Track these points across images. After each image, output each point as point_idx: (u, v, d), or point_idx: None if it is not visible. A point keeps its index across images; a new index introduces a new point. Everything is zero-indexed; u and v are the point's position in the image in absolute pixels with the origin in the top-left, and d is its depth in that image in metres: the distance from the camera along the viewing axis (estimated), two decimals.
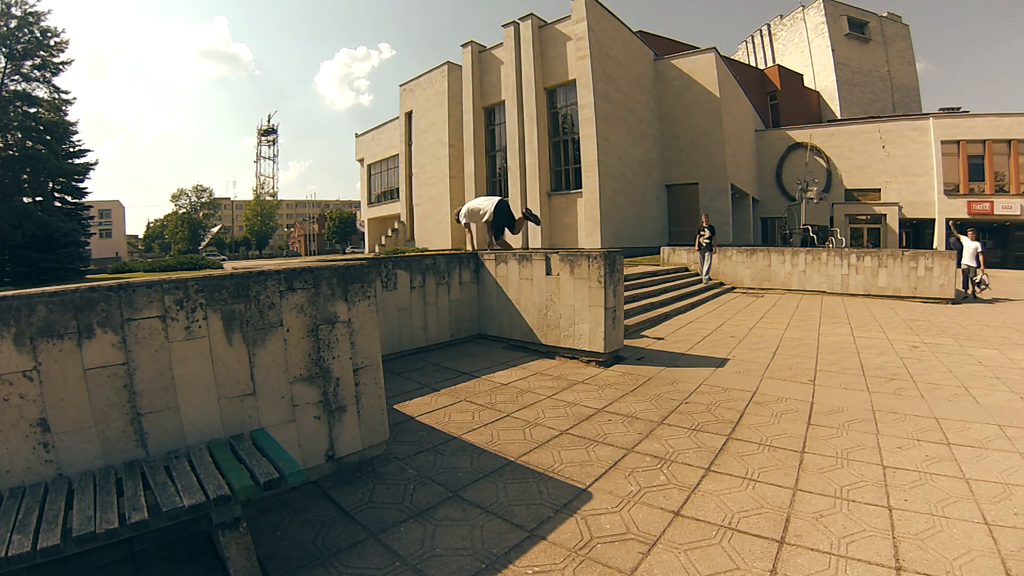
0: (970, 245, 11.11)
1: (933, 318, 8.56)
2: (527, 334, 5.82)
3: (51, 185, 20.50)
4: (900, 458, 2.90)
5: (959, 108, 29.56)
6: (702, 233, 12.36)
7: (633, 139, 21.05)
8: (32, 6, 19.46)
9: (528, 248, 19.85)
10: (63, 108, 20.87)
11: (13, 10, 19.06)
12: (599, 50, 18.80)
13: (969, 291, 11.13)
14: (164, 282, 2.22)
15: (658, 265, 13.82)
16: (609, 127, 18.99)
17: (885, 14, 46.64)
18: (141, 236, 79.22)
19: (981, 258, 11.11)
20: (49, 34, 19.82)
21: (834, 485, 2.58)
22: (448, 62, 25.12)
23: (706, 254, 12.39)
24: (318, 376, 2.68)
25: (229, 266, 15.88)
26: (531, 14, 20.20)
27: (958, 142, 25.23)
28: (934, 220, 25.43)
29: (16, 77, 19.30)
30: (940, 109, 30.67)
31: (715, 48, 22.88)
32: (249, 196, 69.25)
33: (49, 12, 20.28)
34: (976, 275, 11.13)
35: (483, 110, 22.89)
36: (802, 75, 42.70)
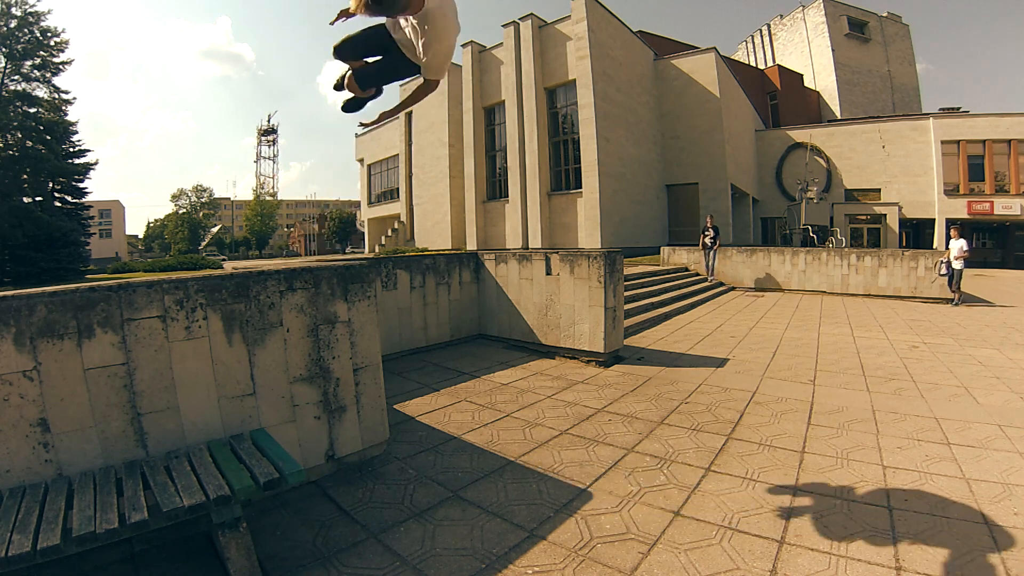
0: (955, 244, 10.66)
1: (933, 318, 8.56)
2: (527, 334, 5.82)
3: (51, 185, 20.49)
4: (900, 458, 2.90)
5: (959, 108, 29.54)
6: (707, 233, 12.85)
7: (633, 139, 21.03)
8: (32, 6, 19.47)
9: (528, 248, 19.88)
10: (63, 108, 20.88)
11: (13, 10, 19.06)
12: (599, 50, 18.80)
13: (955, 289, 10.43)
14: (164, 282, 2.22)
15: (658, 265, 13.83)
16: (609, 127, 18.98)
17: (885, 14, 46.60)
18: (141, 236, 79.19)
19: (965, 255, 10.57)
20: (49, 34, 19.82)
21: (834, 485, 2.58)
22: None
23: (710, 253, 12.96)
24: (318, 376, 2.68)
25: (229, 266, 15.88)
26: (531, 14, 20.18)
27: (958, 142, 25.20)
28: (934, 220, 25.40)
29: (16, 77, 19.29)
30: (940, 109, 30.65)
31: (715, 48, 22.86)
32: (249, 196, 69.29)
33: (49, 12, 20.31)
34: (952, 270, 10.53)
35: (483, 110, 22.87)
36: (802, 75, 42.66)
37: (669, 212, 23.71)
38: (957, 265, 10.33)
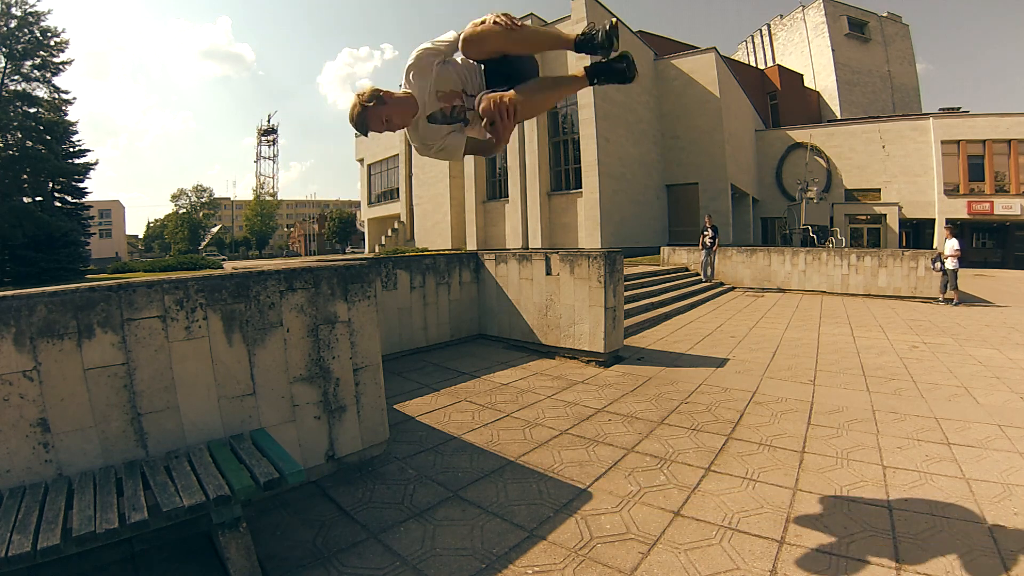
0: (948, 243, 10.37)
1: (933, 318, 8.56)
2: (527, 334, 5.81)
3: (51, 185, 20.51)
4: (900, 458, 2.90)
5: (959, 108, 29.54)
6: (706, 233, 12.71)
7: (633, 139, 21.04)
8: (32, 6, 19.48)
9: (528, 248, 19.87)
10: (63, 108, 20.90)
11: (13, 10, 19.06)
12: None
13: (947, 295, 10.36)
14: (164, 282, 2.22)
15: (658, 265, 13.83)
16: (609, 127, 18.99)
17: (885, 14, 46.61)
18: (141, 236, 79.26)
19: (957, 254, 10.32)
20: (49, 34, 19.83)
21: (834, 485, 2.58)
22: None
23: (710, 254, 12.86)
24: (318, 376, 2.68)
25: (229, 266, 15.88)
26: (531, 14, 20.16)
27: (958, 142, 25.20)
28: (934, 220, 25.40)
29: (16, 77, 19.30)
30: (940, 109, 30.66)
31: (715, 48, 22.87)
32: (249, 196, 69.31)
33: (49, 12, 20.30)
34: (945, 269, 10.34)
35: None
36: (802, 75, 42.66)
37: (669, 212, 23.71)
38: (950, 265, 10.28)
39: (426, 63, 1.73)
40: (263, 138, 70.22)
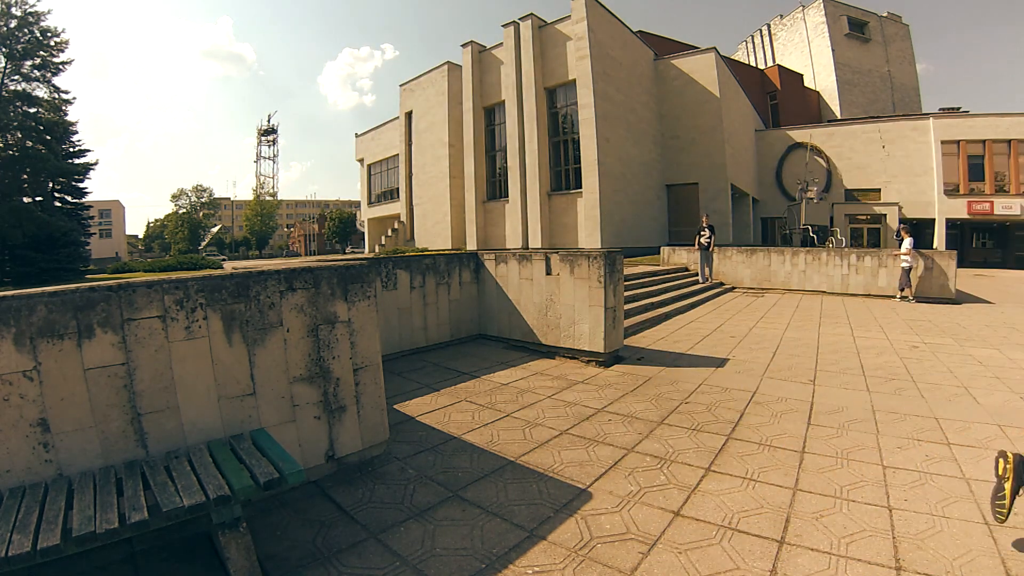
0: (905, 243, 10.71)
1: (933, 318, 8.56)
2: (527, 334, 5.82)
3: (51, 185, 20.49)
4: (900, 458, 2.90)
5: (959, 108, 29.55)
6: (702, 233, 12.50)
7: (633, 139, 21.03)
8: (32, 6, 19.46)
9: (528, 248, 19.87)
10: (63, 108, 20.87)
11: (13, 10, 19.05)
12: (599, 50, 18.79)
13: (903, 292, 10.62)
14: (164, 282, 2.22)
15: (658, 265, 13.82)
16: (609, 127, 18.98)
17: (885, 14, 46.61)
18: (141, 236, 79.25)
19: (909, 253, 10.69)
20: (49, 34, 19.81)
21: (834, 485, 2.58)
22: (448, 62, 25.12)
23: (705, 254, 12.60)
24: (318, 376, 2.68)
25: (229, 266, 15.87)
26: (531, 14, 20.18)
27: (958, 142, 25.20)
28: (934, 220, 25.41)
29: (16, 77, 19.28)
30: (940, 109, 30.67)
31: (715, 48, 22.86)
32: (249, 196, 69.27)
33: (49, 12, 20.29)
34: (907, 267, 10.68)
35: (483, 110, 22.87)
36: (802, 75, 42.67)
37: (669, 212, 23.71)
38: (904, 264, 10.57)
39: None
40: (263, 138, 70.13)
